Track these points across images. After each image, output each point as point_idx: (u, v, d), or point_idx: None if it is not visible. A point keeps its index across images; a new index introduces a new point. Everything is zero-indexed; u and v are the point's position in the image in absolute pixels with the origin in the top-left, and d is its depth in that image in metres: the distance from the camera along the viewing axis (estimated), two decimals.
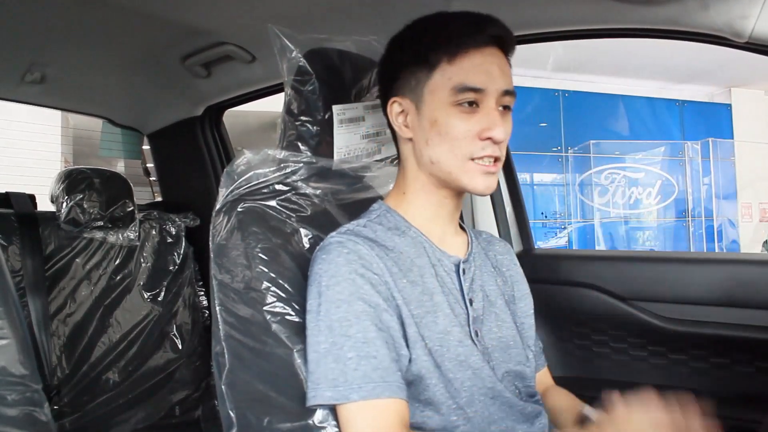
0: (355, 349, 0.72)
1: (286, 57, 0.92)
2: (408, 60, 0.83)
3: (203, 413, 1.81)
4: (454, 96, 0.79)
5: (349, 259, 0.77)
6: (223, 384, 0.82)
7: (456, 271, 0.86)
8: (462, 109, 0.79)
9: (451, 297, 0.84)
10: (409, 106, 0.84)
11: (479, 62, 0.79)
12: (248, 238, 0.84)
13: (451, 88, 0.79)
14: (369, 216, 0.88)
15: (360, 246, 0.78)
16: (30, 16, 1.25)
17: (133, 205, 1.74)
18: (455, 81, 0.79)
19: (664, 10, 0.96)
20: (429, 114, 0.82)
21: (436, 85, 0.81)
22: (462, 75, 0.79)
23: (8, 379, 0.92)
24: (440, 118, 0.80)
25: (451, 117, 0.80)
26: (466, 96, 0.79)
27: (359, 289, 0.75)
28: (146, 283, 1.77)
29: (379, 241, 0.82)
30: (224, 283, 0.85)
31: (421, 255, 0.84)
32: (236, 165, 0.89)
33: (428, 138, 0.82)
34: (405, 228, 0.86)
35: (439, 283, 0.83)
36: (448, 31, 0.80)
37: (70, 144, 6.28)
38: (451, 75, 0.79)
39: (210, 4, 1.23)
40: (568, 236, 7.28)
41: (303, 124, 0.93)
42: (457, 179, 0.82)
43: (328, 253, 0.78)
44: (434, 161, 0.83)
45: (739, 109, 8.19)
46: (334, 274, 0.76)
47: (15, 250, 1.54)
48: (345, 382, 0.71)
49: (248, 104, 1.80)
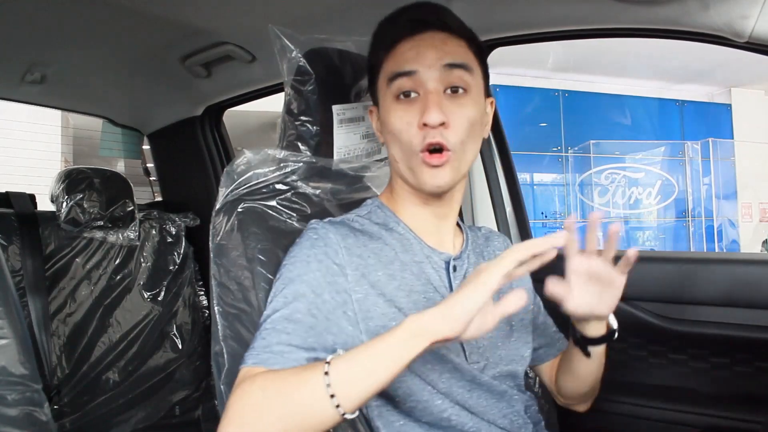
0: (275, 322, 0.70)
1: (286, 57, 0.92)
2: (369, 71, 0.87)
3: (203, 413, 1.81)
4: (390, 87, 0.79)
5: (313, 243, 0.78)
6: (223, 384, 0.82)
7: (446, 268, 0.85)
8: (400, 101, 0.79)
9: (437, 295, 0.83)
10: (377, 111, 0.87)
11: (409, 47, 0.79)
12: (248, 238, 0.84)
13: (386, 79, 0.80)
14: (360, 211, 0.89)
15: (330, 234, 0.79)
16: (30, 16, 1.25)
17: (133, 204, 1.74)
18: (388, 71, 0.80)
19: (664, 10, 0.96)
20: (383, 115, 0.83)
21: (381, 84, 0.82)
22: (394, 64, 0.79)
23: (8, 379, 0.92)
24: (386, 115, 0.81)
25: (391, 111, 0.80)
26: (400, 83, 0.78)
27: (308, 273, 0.74)
28: (146, 282, 1.77)
29: (362, 232, 0.82)
30: (224, 283, 0.85)
31: (407, 251, 0.84)
32: (236, 165, 0.89)
33: (387, 139, 0.84)
34: (394, 224, 0.86)
35: (420, 281, 0.82)
36: (383, 31, 0.83)
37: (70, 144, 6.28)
38: (386, 69, 0.81)
39: (210, 4, 1.23)
40: None
41: (303, 124, 0.93)
42: (410, 177, 0.81)
43: (301, 237, 0.80)
44: (395, 160, 0.83)
45: (739, 109, 8.19)
46: (295, 255, 0.77)
47: (15, 249, 1.54)
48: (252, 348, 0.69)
49: (248, 104, 1.80)
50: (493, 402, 0.83)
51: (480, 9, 0.82)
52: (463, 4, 1.05)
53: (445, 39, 0.79)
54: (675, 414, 1.19)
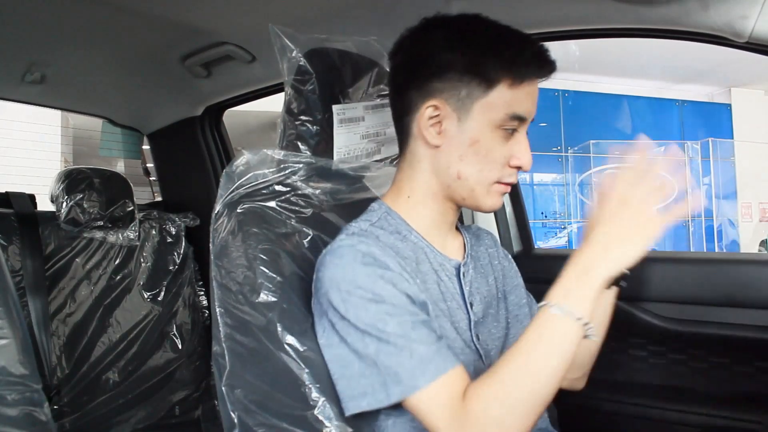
0: (400, 341, 0.70)
1: (287, 57, 0.92)
2: (463, 67, 0.77)
3: (203, 413, 1.81)
4: (506, 122, 0.78)
5: (365, 262, 0.74)
6: (224, 385, 0.82)
7: (457, 274, 0.85)
8: (504, 134, 0.79)
9: (454, 303, 0.83)
10: (450, 115, 0.79)
11: (531, 92, 0.79)
12: (248, 239, 0.84)
13: (506, 113, 0.77)
14: (370, 218, 0.85)
15: (373, 248, 0.75)
16: (30, 16, 1.25)
17: (133, 205, 1.74)
18: (513, 109, 0.77)
19: (664, 10, 0.96)
20: (473, 130, 0.78)
21: (491, 105, 0.77)
22: (519, 104, 0.78)
23: (8, 378, 0.92)
24: (483, 138, 0.78)
25: (494, 140, 0.78)
26: (513, 124, 0.78)
27: (382, 290, 0.72)
28: (146, 283, 1.77)
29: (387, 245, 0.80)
30: (224, 285, 0.85)
31: (423, 261, 0.83)
32: (236, 165, 0.89)
33: (463, 154, 0.79)
34: (406, 232, 0.84)
35: (441, 289, 0.82)
36: (514, 55, 0.77)
37: (70, 144, 6.28)
38: (509, 100, 0.77)
39: (210, 4, 1.23)
40: (568, 236, 7.28)
41: (303, 124, 0.93)
42: (475, 198, 0.82)
43: (340, 258, 0.75)
44: (462, 177, 0.80)
45: (739, 109, 8.19)
46: (353, 279, 0.73)
47: (15, 250, 1.54)
48: (406, 372, 0.69)
49: (248, 104, 1.80)
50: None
51: (479, 9, 0.82)
52: (462, 5, 1.05)
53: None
54: (675, 414, 1.19)
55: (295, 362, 0.77)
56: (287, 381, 0.77)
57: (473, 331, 0.83)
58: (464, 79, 0.77)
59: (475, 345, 0.83)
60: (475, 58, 0.77)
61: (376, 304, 0.72)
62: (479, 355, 0.83)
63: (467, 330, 0.83)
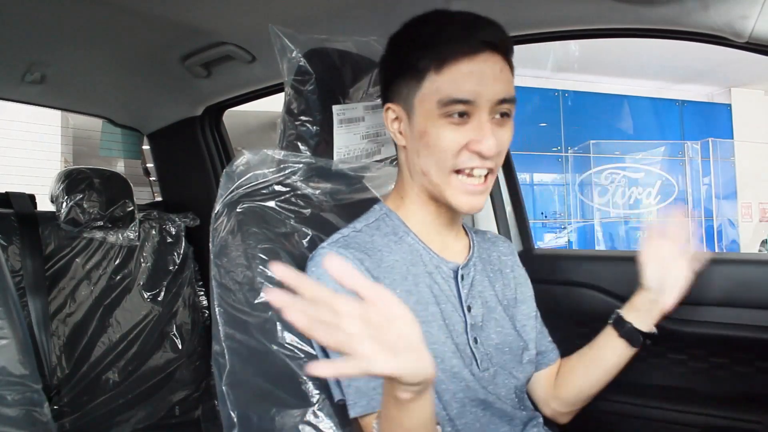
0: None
1: (287, 57, 0.92)
2: (398, 67, 0.80)
3: (203, 413, 1.81)
4: (442, 108, 0.75)
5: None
6: (224, 384, 0.82)
7: (454, 277, 0.85)
8: (451, 120, 0.75)
9: (449, 305, 0.82)
10: (402, 114, 0.81)
11: (468, 71, 0.74)
12: (248, 238, 0.84)
13: (438, 100, 0.75)
14: (367, 219, 0.86)
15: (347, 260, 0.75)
16: (30, 16, 1.25)
17: (133, 205, 1.74)
18: (442, 93, 0.75)
19: (664, 10, 0.96)
20: (419, 125, 0.78)
21: (424, 95, 0.77)
22: (450, 86, 0.74)
23: (8, 379, 0.92)
24: (429, 129, 0.77)
25: (440, 129, 0.76)
26: (455, 108, 0.75)
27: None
28: (146, 283, 1.77)
29: (374, 249, 0.80)
30: (224, 284, 0.85)
31: (417, 263, 0.82)
32: (236, 165, 0.89)
33: (418, 149, 0.79)
34: (403, 233, 0.84)
35: (434, 292, 0.82)
36: (436, 38, 0.75)
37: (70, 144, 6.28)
38: (438, 86, 0.75)
39: (210, 4, 1.23)
40: (568, 236, 7.28)
41: (303, 124, 0.93)
42: (443, 193, 0.80)
43: (316, 266, 0.78)
44: (425, 172, 0.80)
45: (739, 109, 8.19)
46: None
47: (15, 250, 1.54)
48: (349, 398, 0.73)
49: (248, 104, 1.80)
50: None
51: (479, 9, 0.82)
52: (462, 4, 1.05)
53: (500, 65, 0.77)
54: (675, 414, 1.19)
55: (294, 361, 0.78)
56: (287, 379, 0.77)
57: (469, 334, 0.83)
58: (403, 78, 0.79)
59: (471, 349, 0.82)
60: (405, 55, 0.79)
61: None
62: (474, 359, 0.82)
63: (463, 333, 0.82)
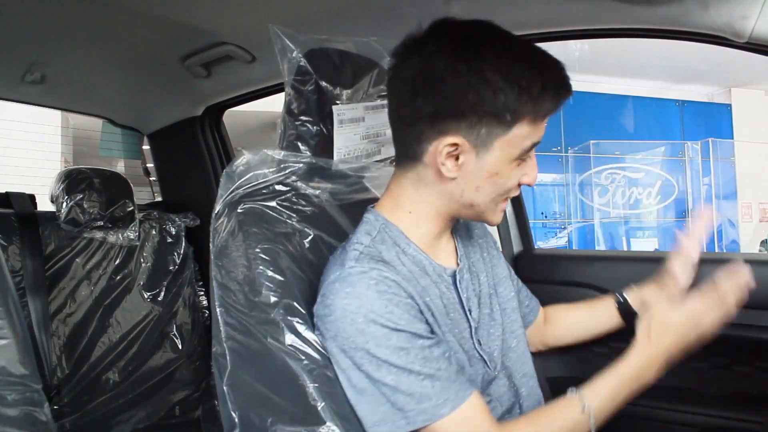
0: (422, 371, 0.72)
1: (287, 57, 0.92)
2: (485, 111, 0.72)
3: (203, 413, 1.81)
4: (525, 153, 0.77)
5: (379, 289, 0.73)
6: (225, 385, 0.82)
7: (453, 283, 0.85)
8: (520, 161, 0.78)
9: (456, 313, 0.83)
10: (468, 150, 0.75)
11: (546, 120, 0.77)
12: (248, 239, 0.84)
13: (526, 147, 0.76)
14: (369, 231, 0.82)
15: (385, 272, 0.75)
16: (30, 16, 1.25)
17: (133, 205, 1.74)
18: (533, 140, 0.76)
19: (664, 10, 0.96)
20: (492, 165, 0.76)
21: (512, 141, 0.74)
22: (538, 134, 0.76)
23: (8, 379, 0.92)
24: (502, 171, 0.76)
25: (512, 169, 0.77)
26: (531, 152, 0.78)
27: (400, 319, 0.72)
28: (146, 283, 1.77)
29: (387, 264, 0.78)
30: (224, 284, 0.85)
31: (423, 275, 0.81)
32: (236, 165, 0.89)
33: (480, 185, 0.77)
34: (404, 245, 0.82)
35: (444, 302, 0.82)
36: (536, 95, 0.72)
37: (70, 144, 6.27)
38: (530, 134, 0.75)
39: (210, 4, 1.23)
40: (568, 236, 7.28)
41: (303, 124, 0.93)
42: (481, 216, 0.83)
43: (353, 286, 0.73)
44: (474, 204, 0.80)
45: (739, 109, 8.18)
46: (370, 309, 0.72)
47: (15, 250, 1.54)
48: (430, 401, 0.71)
49: (248, 104, 1.79)
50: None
51: (480, 9, 0.82)
52: (463, 5, 1.05)
53: None
54: (675, 414, 1.19)
55: (295, 361, 0.77)
56: (288, 380, 0.77)
57: (474, 337, 0.83)
58: (485, 119, 0.73)
59: (479, 352, 0.83)
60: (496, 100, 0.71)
61: (397, 333, 0.72)
62: (484, 361, 0.83)
63: (469, 339, 0.83)
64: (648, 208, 7.65)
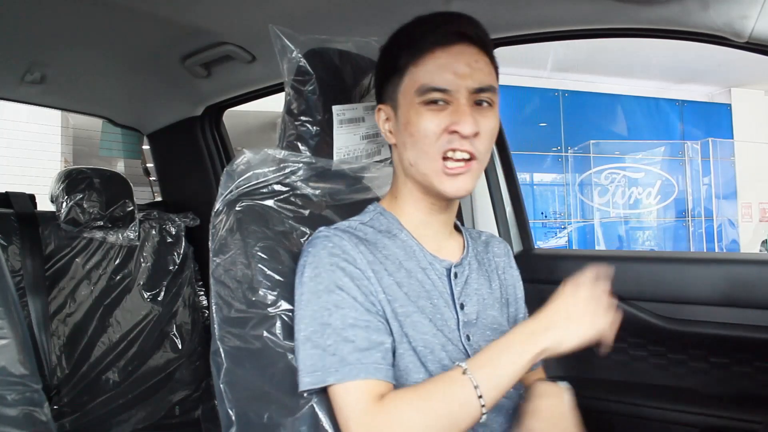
0: (333, 335, 0.74)
1: (287, 57, 0.92)
2: (385, 69, 0.86)
3: (203, 413, 1.81)
4: (421, 96, 0.79)
5: (332, 252, 0.78)
6: (222, 383, 0.82)
7: (447, 275, 0.86)
8: (431, 107, 0.80)
9: (440, 301, 0.84)
10: (390, 113, 0.86)
11: (444, 61, 0.79)
12: (247, 237, 0.84)
13: (416, 89, 0.80)
14: (362, 218, 0.89)
15: (344, 241, 0.80)
16: (30, 16, 1.25)
17: (133, 205, 1.74)
18: (420, 82, 0.79)
19: (664, 10, 0.96)
20: (403, 117, 0.82)
21: (405, 88, 0.82)
22: (426, 76, 0.79)
23: (8, 379, 0.92)
24: (411, 118, 0.81)
25: (420, 116, 0.80)
26: (433, 95, 0.79)
27: (338, 281, 0.76)
28: (146, 283, 1.77)
29: (368, 241, 0.83)
30: (223, 282, 0.85)
31: (410, 258, 0.85)
32: (236, 165, 0.89)
33: (405, 140, 0.83)
34: (397, 231, 0.87)
35: (426, 287, 0.83)
36: (412, 34, 0.81)
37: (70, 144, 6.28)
38: (417, 77, 0.80)
39: (210, 4, 1.23)
40: (568, 236, 7.28)
41: (303, 124, 0.93)
42: (431, 182, 0.82)
43: (314, 247, 0.80)
44: (412, 163, 0.83)
45: (739, 109, 8.19)
46: (317, 266, 0.78)
47: (15, 250, 1.54)
48: (323, 366, 0.73)
49: (248, 104, 1.80)
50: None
51: (480, 9, 0.82)
52: (462, 4, 1.05)
53: (476, 56, 0.80)
54: (675, 414, 1.19)
55: (292, 358, 0.78)
56: (284, 377, 0.77)
57: (462, 331, 0.84)
58: (388, 78, 0.85)
59: (464, 345, 0.83)
60: (389, 56, 0.85)
61: (327, 293, 0.75)
62: (467, 355, 0.83)
63: (455, 330, 0.84)
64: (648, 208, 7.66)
